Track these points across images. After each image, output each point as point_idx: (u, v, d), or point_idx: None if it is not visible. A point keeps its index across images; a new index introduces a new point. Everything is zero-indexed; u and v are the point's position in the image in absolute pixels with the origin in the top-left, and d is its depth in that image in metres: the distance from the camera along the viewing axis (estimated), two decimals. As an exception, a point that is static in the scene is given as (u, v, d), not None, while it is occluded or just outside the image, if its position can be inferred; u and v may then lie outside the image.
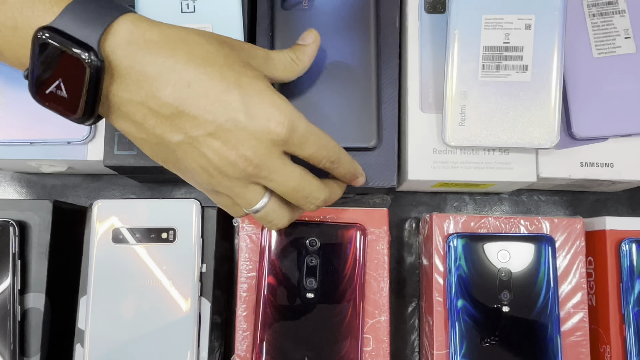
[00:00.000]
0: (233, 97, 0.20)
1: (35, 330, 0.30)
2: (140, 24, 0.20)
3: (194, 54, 0.20)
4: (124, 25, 0.20)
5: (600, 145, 0.31)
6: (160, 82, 0.19)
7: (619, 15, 0.31)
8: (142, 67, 0.19)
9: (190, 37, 0.21)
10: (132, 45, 0.19)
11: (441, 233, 0.31)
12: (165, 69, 0.19)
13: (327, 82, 0.29)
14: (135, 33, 0.20)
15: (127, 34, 0.19)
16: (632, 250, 0.30)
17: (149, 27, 0.20)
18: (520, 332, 0.30)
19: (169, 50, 0.20)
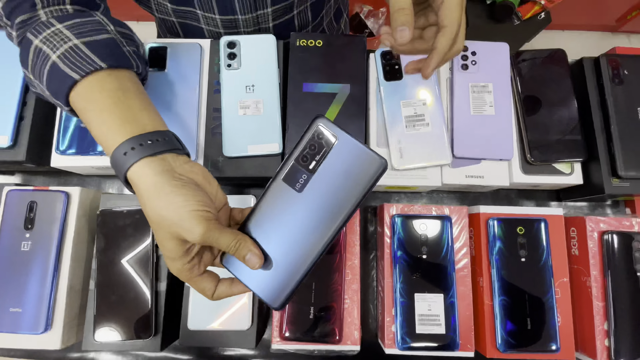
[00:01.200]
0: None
1: (164, 267, 0.41)
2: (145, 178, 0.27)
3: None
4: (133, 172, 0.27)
5: (476, 165, 0.44)
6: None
7: (487, 93, 0.46)
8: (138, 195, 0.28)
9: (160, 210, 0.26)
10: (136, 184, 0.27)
11: (388, 214, 0.43)
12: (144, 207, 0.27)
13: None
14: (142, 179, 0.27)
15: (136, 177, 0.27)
16: (494, 224, 0.42)
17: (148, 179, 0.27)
18: (433, 270, 0.41)
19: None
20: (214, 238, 0.27)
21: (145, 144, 0.27)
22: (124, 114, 0.29)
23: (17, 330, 0.40)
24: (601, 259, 0.43)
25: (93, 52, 0.31)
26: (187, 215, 0.26)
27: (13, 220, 0.42)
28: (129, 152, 0.27)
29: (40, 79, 0.32)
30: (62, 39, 0.31)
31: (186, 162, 0.29)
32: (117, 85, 0.30)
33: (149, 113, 0.30)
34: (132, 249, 0.41)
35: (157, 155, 0.28)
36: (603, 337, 0.41)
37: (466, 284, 0.42)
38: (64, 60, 0.30)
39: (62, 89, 0.30)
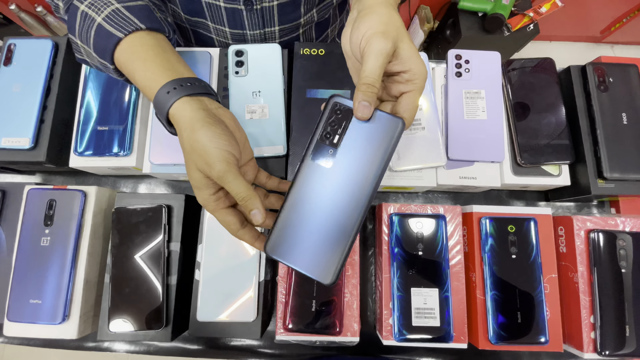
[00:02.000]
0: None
1: (175, 261, 0.41)
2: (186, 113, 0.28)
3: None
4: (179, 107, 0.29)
5: (469, 167, 0.44)
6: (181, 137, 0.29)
7: (480, 99, 0.46)
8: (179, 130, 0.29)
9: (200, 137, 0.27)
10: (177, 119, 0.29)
11: (386, 213, 0.43)
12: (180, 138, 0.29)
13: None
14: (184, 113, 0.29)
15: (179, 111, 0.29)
16: (486, 223, 0.42)
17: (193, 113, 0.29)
18: (428, 266, 0.41)
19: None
20: (227, 180, 0.27)
21: (185, 85, 0.29)
22: (165, 63, 0.31)
23: (37, 320, 0.40)
24: (588, 256, 0.42)
25: (133, 14, 0.33)
26: (212, 151, 0.27)
27: (33, 217, 0.43)
28: (171, 91, 0.29)
29: (88, 41, 0.34)
30: (105, 3, 0.33)
31: (219, 107, 0.31)
32: (155, 43, 0.33)
33: (185, 65, 0.33)
34: (145, 244, 0.41)
35: (195, 96, 0.29)
36: (589, 330, 0.41)
37: (460, 279, 0.42)
38: (108, 22, 0.32)
39: (109, 46, 0.32)
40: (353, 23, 0.29)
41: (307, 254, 0.27)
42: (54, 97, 0.46)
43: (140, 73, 0.31)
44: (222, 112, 0.30)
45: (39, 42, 0.48)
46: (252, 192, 0.28)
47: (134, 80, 0.32)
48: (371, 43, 0.27)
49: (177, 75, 0.30)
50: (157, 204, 0.42)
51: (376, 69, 0.26)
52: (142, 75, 0.31)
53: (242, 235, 0.30)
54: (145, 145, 0.45)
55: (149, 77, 0.31)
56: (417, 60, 0.28)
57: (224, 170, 0.27)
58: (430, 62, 0.48)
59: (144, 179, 0.53)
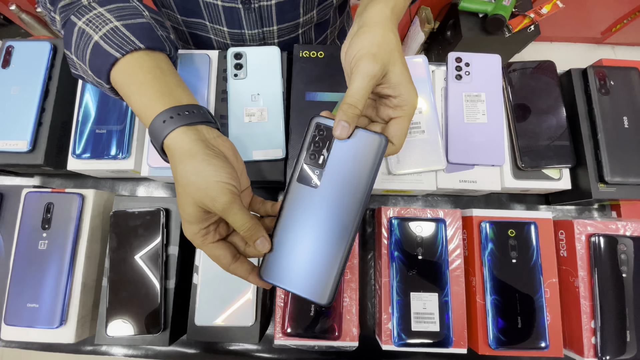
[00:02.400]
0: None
1: (173, 265, 0.41)
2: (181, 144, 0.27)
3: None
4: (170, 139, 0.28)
5: (469, 171, 0.44)
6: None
7: (480, 102, 0.45)
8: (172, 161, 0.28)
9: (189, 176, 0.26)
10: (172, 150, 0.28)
11: (386, 216, 0.42)
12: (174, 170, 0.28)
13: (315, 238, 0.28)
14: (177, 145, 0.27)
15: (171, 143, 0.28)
16: (486, 227, 0.42)
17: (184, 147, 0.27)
18: (428, 270, 0.40)
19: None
20: (232, 212, 0.26)
21: (182, 114, 0.28)
22: (162, 87, 0.30)
23: (34, 324, 0.40)
24: (588, 261, 0.42)
25: (132, 33, 0.31)
26: (214, 184, 0.26)
27: (31, 220, 0.42)
28: (168, 120, 0.28)
29: (83, 58, 0.32)
30: (104, 20, 0.32)
31: (218, 136, 0.30)
32: (154, 64, 0.31)
33: (184, 90, 0.31)
34: (143, 248, 0.41)
35: (193, 125, 0.28)
36: (590, 335, 0.41)
37: (460, 284, 0.42)
38: (105, 40, 0.31)
39: (105, 66, 0.31)
40: (351, 39, 0.29)
41: (302, 276, 0.28)
42: (52, 99, 0.46)
43: (136, 97, 0.30)
44: (220, 141, 0.29)
45: (37, 45, 0.48)
46: (256, 222, 0.27)
47: (130, 104, 0.31)
48: (359, 64, 0.27)
49: (174, 102, 0.29)
50: (155, 207, 0.42)
51: (360, 90, 0.26)
52: (138, 100, 0.30)
53: (234, 269, 0.29)
54: (144, 148, 0.45)
55: (145, 103, 0.29)
56: (407, 86, 0.28)
57: (229, 203, 0.26)
58: (430, 64, 0.48)
59: (143, 182, 0.52)
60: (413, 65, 0.46)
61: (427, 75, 0.45)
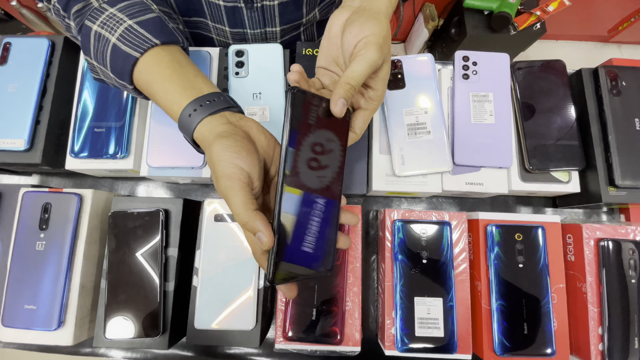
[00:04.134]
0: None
1: (172, 267, 0.40)
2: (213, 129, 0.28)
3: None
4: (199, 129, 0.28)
5: (476, 173, 0.43)
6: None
7: (488, 102, 0.44)
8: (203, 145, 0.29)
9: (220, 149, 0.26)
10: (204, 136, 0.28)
11: (390, 218, 0.41)
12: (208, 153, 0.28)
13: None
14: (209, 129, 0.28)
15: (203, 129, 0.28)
16: (493, 230, 0.41)
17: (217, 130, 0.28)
18: (432, 274, 0.39)
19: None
20: (228, 198, 0.25)
21: (204, 105, 0.29)
22: (182, 81, 0.30)
23: (32, 326, 0.39)
24: (597, 266, 0.41)
25: (146, 30, 0.32)
26: (218, 164, 0.26)
27: (28, 221, 0.41)
28: (193, 113, 0.28)
29: (104, 62, 0.33)
30: (117, 21, 0.32)
31: (241, 118, 0.30)
32: (171, 58, 0.32)
33: (203, 78, 0.32)
34: (142, 249, 0.40)
35: (217, 113, 0.29)
36: (597, 342, 0.40)
37: (465, 288, 0.41)
38: (122, 41, 0.31)
39: (127, 67, 0.32)
40: (353, 13, 0.29)
41: (307, 257, 0.26)
42: (50, 97, 0.45)
43: (161, 96, 0.31)
44: (243, 122, 0.29)
45: (35, 41, 0.47)
46: (251, 214, 0.25)
47: (157, 103, 0.32)
48: (368, 49, 0.27)
49: (196, 93, 0.30)
50: (155, 208, 0.41)
51: (361, 74, 0.27)
52: (163, 98, 0.31)
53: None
54: (143, 147, 0.44)
55: (169, 100, 0.30)
56: (385, 85, 0.30)
57: (226, 187, 0.25)
58: (436, 63, 0.47)
59: (143, 181, 0.51)
60: (419, 64, 0.45)
61: (434, 74, 0.44)
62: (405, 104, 0.43)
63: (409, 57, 0.45)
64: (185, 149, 0.40)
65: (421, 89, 0.44)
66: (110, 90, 0.45)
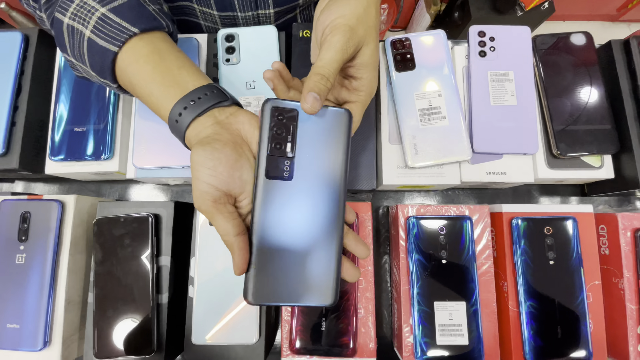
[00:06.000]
0: None
1: (165, 277, 0.37)
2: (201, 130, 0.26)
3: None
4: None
5: (497, 161, 0.39)
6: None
7: (508, 82, 0.40)
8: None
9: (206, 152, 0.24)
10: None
11: (403, 215, 0.38)
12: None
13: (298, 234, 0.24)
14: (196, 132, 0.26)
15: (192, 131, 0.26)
16: (519, 224, 0.37)
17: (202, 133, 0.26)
18: (453, 276, 0.36)
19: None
20: (213, 220, 0.24)
21: (189, 106, 0.26)
22: (165, 78, 0.27)
23: (16, 347, 0.36)
24: (635, 259, 0.37)
25: (122, 17, 0.28)
26: (197, 193, 0.24)
27: (6, 232, 0.38)
28: (179, 117, 0.26)
29: (82, 58, 0.30)
30: (89, 10, 0.29)
31: (231, 114, 0.27)
32: (150, 49, 0.28)
33: (188, 70, 0.28)
34: (131, 259, 0.36)
35: (205, 114, 0.26)
36: (636, 343, 0.36)
37: (490, 290, 0.37)
38: (97, 34, 0.28)
39: (106, 64, 0.29)
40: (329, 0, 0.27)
41: (297, 284, 0.24)
42: (26, 96, 0.41)
43: (146, 99, 0.28)
44: (233, 119, 0.26)
45: (6, 35, 0.42)
46: (236, 237, 0.23)
47: (146, 105, 0.29)
48: (335, 34, 0.25)
49: (181, 90, 0.27)
50: (143, 213, 0.37)
51: (332, 62, 0.24)
52: (149, 101, 0.28)
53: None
54: (129, 146, 0.40)
55: (155, 103, 0.28)
56: (371, 71, 0.26)
57: (207, 211, 0.24)
58: (449, 41, 0.42)
59: (131, 184, 0.47)
60: (429, 42, 0.40)
61: (446, 52, 0.40)
62: (417, 87, 0.39)
63: (418, 34, 0.41)
64: (174, 147, 0.36)
65: (433, 70, 0.39)
66: (91, 86, 0.41)
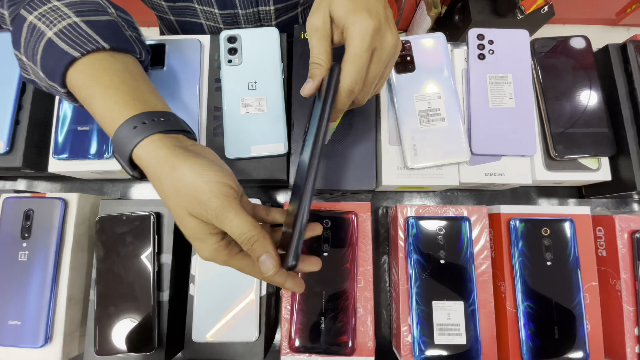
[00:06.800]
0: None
1: (167, 275, 0.37)
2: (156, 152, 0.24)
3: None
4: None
5: (496, 162, 0.39)
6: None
7: (507, 85, 0.40)
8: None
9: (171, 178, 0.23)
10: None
11: (402, 216, 0.38)
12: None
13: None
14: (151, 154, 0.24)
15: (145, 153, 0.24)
16: (517, 225, 0.37)
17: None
18: (451, 276, 0.36)
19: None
20: (228, 218, 0.22)
21: (157, 120, 0.24)
22: (133, 92, 0.26)
23: (17, 344, 0.36)
24: (632, 261, 0.37)
25: (95, 31, 0.27)
26: (203, 185, 0.22)
27: (10, 229, 0.38)
28: (140, 126, 0.24)
29: (34, 58, 0.27)
30: (60, 15, 0.27)
31: (195, 144, 0.26)
32: (122, 67, 0.27)
33: (158, 97, 0.28)
34: (133, 257, 0.37)
35: (169, 134, 0.25)
36: (634, 344, 0.36)
37: (487, 290, 0.37)
38: (61, 37, 0.26)
39: (59, 66, 0.26)
40: None
41: None
42: (30, 95, 0.41)
43: (100, 101, 0.25)
44: (200, 149, 0.26)
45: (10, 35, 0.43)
46: (259, 231, 0.22)
47: (91, 108, 0.26)
48: (309, 17, 0.26)
49: (147, 107, 0.25)
50: (145, 211, 0.38)
51: (313, 48, 0.26)
52: (102, 105, 0.25)
53: (271, 277, 0.24)
54: (131, 146, 0.40)
55: (111, 107, 0.25)
56: (352, 15, 0.24)
57: (221, 207, 0.22)
58: (448, 44, 0.42)
59: (134, 183, 0.48)
60: (429, 44, 0.41)
61: (446, 55, 0.40)
62: (416, 88, 0.39)
63: (418, 37, 0.41)
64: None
65: (433, 72, 0.39)
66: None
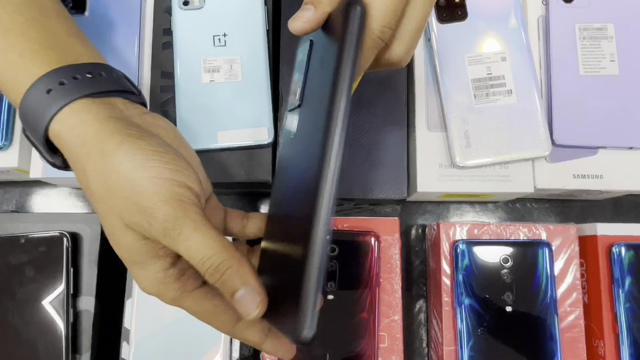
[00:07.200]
0: None
1: (87, 329, 0.31)
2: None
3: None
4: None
5: (590, 158, 0.32)
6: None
7: (606, 41, 0.32)
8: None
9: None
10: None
11: (448, 239, 0.31)
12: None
13: None
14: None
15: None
16: (622, 253, 0.31)
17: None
18: (523, 329, 0.31)
19: None
20: (183, 235, 0.18)
21: (83, 77, 0.21)
22: (45, 37, 0.22)
23: None
24: None
25: None
26: (146, 183, 0.19)
27: None
28: (56, 88, 0.20)
29: None
30: None
31: (145, 113, 0.23)
32: (28, 0, 0.24)
33: (82, 41, 0.24)
34: (35, 301, 0.32)
35: (101, 97, 0.21)
36: None
37: (579, 353, 0.31)
38: None
39: None
40: None
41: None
42: None
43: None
44: (150, 119, 0.22)
45: None
46: (232, 254, 0.19)
47: None
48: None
49: (66, 58, 0.22)
50: (56, 231, 0.32)
51: None
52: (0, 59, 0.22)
53: (241, 332, 0.21)
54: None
55: (12, 63, 0.22)
56: None
57: (173, 217, 0.18)
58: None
59: (37, 188, 0.41)
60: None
61: (514, -4, 0.34)
62: (469, 46, 0.32)
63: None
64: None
65: (494, 21, 0.32)
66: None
